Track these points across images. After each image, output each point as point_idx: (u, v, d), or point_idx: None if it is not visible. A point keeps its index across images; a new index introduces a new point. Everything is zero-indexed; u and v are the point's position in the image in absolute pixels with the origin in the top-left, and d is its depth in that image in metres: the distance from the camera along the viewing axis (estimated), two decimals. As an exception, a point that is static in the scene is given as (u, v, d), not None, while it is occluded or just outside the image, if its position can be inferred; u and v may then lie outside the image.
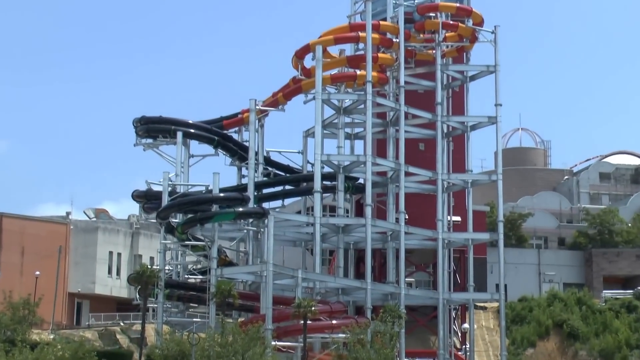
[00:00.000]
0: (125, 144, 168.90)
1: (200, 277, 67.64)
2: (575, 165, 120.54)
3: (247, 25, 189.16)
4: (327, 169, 69.23)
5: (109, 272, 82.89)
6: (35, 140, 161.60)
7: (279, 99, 71.84)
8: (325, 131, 70.06)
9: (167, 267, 67.36)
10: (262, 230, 66.49)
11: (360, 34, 69.44)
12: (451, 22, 72.27)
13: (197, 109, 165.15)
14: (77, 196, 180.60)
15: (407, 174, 69.00)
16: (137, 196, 70.29)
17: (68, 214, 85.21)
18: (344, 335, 58.93)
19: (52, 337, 66.63)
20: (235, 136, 74.45)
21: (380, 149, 73.66)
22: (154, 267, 66.10)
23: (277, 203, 73.91)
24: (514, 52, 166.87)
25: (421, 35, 72.72)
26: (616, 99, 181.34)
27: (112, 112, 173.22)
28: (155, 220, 69.41)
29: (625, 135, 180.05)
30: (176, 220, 65.57)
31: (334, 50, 72.13)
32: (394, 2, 72.22)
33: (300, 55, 70.39)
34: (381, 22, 70.87)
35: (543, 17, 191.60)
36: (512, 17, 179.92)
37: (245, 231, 68.00)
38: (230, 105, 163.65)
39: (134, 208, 76.51)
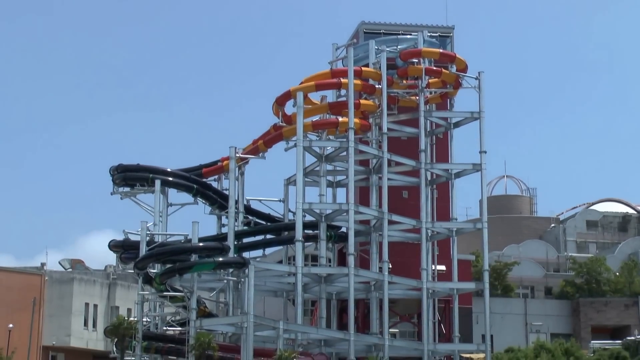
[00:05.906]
0: (101, 192, 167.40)
1: (179, 328, 66.20)
2: (562, 213, 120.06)
3: (226, 72, 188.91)
4: (308, 218, 68.17)
5: (85, 324, 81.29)
6: (7, 189, 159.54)
7: (259, 147, 70.87)
8: (306, 179, 69.02)
9: (145, 319, 65.85)
10: (242, 280, 65.19)
11: (342, 80, 68.61)
12: (434, 68, 71.60)
13: (176, 157, 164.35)
14: (52, 246, 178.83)
15: (391, 222, 67.99)
16: (114, 246, 69.14)
17: (43, 264, 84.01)
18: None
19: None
20: (214, 184, 73.38)
21: (362, 197, 72.72)
22: (132, 318, 65.36)
23: (257, 252, 72.83)
24: (498, 98, 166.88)
25: (404, 82, 71.99)
26: (603, 146, 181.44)
27: (89, 160, 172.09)
28: (132, 271, 68.16)
29: (612, 183, 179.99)
30: (154, 271, 64.32)
31: (315, 97, 71.25)
32: (376, 48, 71.51)
33: (281, 101, 69.51)
34: (363, 68, 70.14)
35: (528, 62, 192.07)
36: (496, 63, 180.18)
37: (225, 281, 66.89)
38: (210, 153, 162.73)
39: (111, 258, 75.63)
